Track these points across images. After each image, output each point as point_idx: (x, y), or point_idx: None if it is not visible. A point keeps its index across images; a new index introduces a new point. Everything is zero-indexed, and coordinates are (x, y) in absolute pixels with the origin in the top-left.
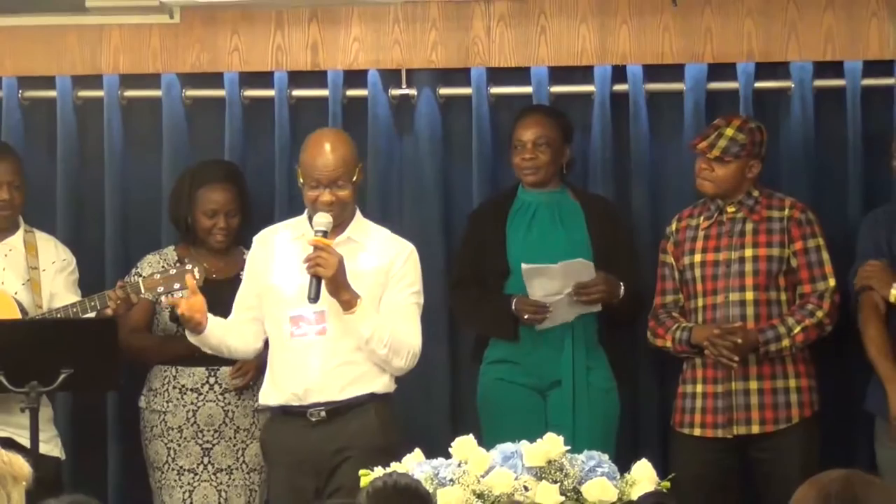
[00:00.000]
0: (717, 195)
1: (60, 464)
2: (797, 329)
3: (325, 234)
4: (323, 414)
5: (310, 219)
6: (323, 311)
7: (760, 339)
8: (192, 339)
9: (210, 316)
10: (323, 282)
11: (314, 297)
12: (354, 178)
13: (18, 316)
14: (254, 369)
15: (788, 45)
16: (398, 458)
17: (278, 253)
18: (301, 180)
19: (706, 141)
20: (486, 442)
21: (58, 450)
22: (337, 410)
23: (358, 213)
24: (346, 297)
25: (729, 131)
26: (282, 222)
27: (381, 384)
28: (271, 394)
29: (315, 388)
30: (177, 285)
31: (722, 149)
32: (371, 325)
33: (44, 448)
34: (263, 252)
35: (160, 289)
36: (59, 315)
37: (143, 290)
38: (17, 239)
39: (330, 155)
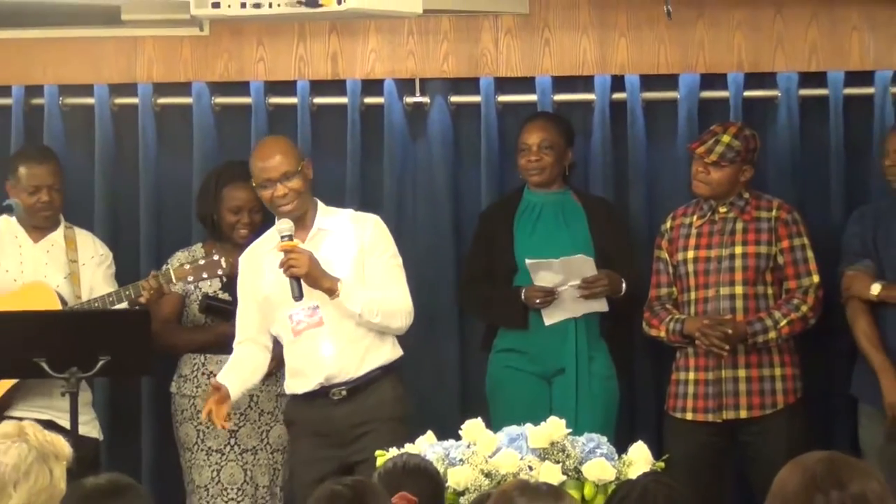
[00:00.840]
0: (711, 196)
1: (99, 444)
2: (783, 322)
3: (290, 237)
4: (344, 392)
5: None
6: (315, 305)
7: (749, 330)
8: None
9: (229, 382)
10: (302, 279)
11: (298, 296)
12: (301, 169)
13: (59, 307)
14: (277, 357)
15: (775, 57)
16: (411, 426)
17: (263, 266)
18: (255, 185)
19: (704, 146)
20: (494, 425)
21: (96, 431)
22: (357, 388)
23: (320, 204)
24: (326, 285)
25: (726, 138)
26: (257, 239)
27: (388, 351)
28: (297, 385)
29: (336, 373)
30: (205, 274)
31: (719, 154)
32: (359, 301)
33: (83, 430)
34: (250, 270)
35: (190, 278)
36: (96, 304)
37: (173, 280)
38: (58, 234)
39: (275, 153)
